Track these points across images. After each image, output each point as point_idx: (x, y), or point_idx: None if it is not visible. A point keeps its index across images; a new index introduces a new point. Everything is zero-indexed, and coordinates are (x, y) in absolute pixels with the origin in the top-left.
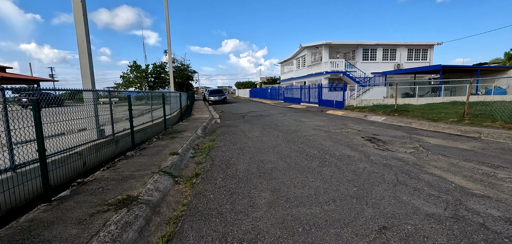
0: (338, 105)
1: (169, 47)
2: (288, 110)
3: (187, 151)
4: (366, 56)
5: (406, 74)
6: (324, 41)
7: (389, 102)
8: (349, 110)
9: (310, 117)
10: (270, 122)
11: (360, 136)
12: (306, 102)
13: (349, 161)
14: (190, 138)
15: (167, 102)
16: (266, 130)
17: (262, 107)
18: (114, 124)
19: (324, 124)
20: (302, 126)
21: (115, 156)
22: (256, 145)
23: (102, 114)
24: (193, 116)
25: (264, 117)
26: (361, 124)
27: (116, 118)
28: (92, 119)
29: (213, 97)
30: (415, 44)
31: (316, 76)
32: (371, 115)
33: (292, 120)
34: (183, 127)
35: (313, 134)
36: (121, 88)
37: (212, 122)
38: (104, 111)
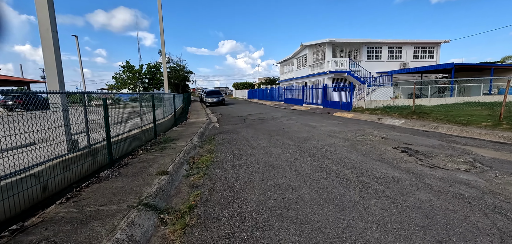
0: (345, 107)
1: (162, 46)
2: (291, 112)
3: (179, 168)
4: (371, 55)
5: (412, 74)
6: (327, 39)
7: (399, 103)
8: (359, 113)
9: (319, 121)
10: (275, 127)
11: (391, 146)
12: (309, 104)
13: (400, 188)
14: (184, 148)
15: (160, 105)
16: (273, 137)
17: (263, 109)
18: (96, 131)
19: (338, 129)
20: (315, 132)
21: (94, 172)
22: (266, 160)
23: (79, 120)
24: (188, 120)
25: (268, 121)
26: (380, 128)
27: (97, 125)
28: (61, 129)
29: (210, 98)
30: (421, 42)
31: (318, 76)
32: (385, 118)
33: (300, 125)
34: (177, 133)
35: (331, 143)
36: (114, 90)
37: (210, 126)
38: (92, 116)
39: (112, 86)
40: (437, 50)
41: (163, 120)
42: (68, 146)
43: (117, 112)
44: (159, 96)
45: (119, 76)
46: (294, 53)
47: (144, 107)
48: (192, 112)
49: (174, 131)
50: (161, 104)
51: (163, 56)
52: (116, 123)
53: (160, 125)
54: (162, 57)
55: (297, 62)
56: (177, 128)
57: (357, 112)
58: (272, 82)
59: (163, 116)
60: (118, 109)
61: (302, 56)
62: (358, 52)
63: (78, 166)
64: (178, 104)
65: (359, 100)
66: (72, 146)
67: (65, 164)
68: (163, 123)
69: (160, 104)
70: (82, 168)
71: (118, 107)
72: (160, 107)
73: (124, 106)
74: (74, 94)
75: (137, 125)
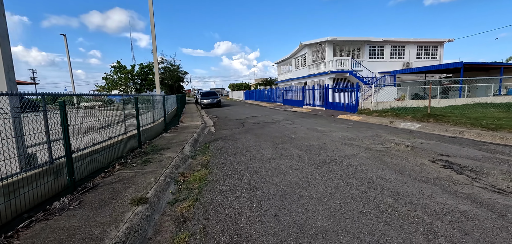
0: (350, 108)
1: (153, 44)
2: (292, 115)
3: (164, 190)
4: (373, 55)
5: (416, 74)
6: (328, 38)
7: (406, 104)
8: (366, 115)
9: (326, 125)
10: (279, 133)
11: (426, 159)
12: (309, 105)
13: (486, 236)
14: (173, 161)
15: (148, 109)
16: (278, 146)
17: (261, 111)
18: (69, 140)
19: (351, 134)
20: (326, 139)
21: (57, 195)
22: (275, 179)
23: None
24: (181, 124)
25: (269, 126)
26: (397, 134)
27: (73, 132)
28: (11, 141)
29: (206, 100)
30: (424, 41)
31: (318, 76)
32: (398, 121)
33: (306, 130)
34: (166, 140)
35: (350, 153)
36: (105, 91)
37: (204, 131)
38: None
39: (103, 88)
40: (440, 49)
41: (152, 125)
42: (21, 163)
43: (98, 116)
44: (146, 98)
45: (109, 77)
46: (292, 53)
47: (129, 111)
48: (186, 115)
49: (163, 138)
50: (149, 108)
51: (155, 55)
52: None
53: (147, 131)
54: (154, 56)
55: (296, 62)
56: (168, 134)
57: (364, 114)
58: (269, 83)
59: (153, 121)
60: (102, 113)
61: (301, 56)
62: (360, 51)
63: (34, 188)
64: (170, 107)
65: (365, 101)
66: (27, 161)
67: (11, 188)
68: (151, 128)
69: (148, 107)
70: (40, 190)
71: (104, 110)
72: (149, 110)
73: (102, 110)
74: (25, 97)
75: (118, 132)
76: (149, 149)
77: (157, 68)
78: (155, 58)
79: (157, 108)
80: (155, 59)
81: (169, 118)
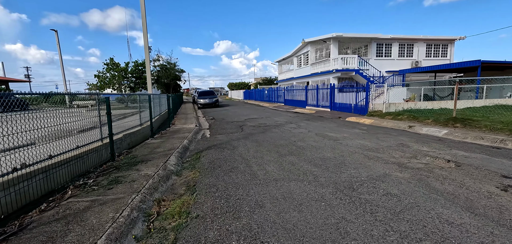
0: (358, 110)
1: (145, 38)
2: (296, 116)
3: (123, 238)
4: (380, 53)
5: (425, 73)
6: (333, 34)
7: (420, 106)
8: (378, 118)
9: (337, 130)
10: (284, 139)
11: (489, 184)
12: (313, 106)
13: None
14: (150, 181)
15: (135, 108)
16: (285, 159)
17: (262, 112)
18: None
19: (371, 143)
20: (342, 150)
21: None
22: (286, 220)
23: None
24: (173, 127)
25: (272, 130)
26: (426, 143)
27: None
28: None
29: (203, 100)
30: (434, 38)
31: (322, 75)
32: (418, 125)
33: (315, 136)
34: (150, 148)
35: (381, 173)
36: (96, 90)
37: (198, 136)
38: None
39: (95, 86)
40: (451, 47)
41: (137, 129)
42: None
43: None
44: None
45: (102, 74)
46: (294, 51)
47: (115, 112)
48: (180, 116)
49: (147, 145)
50: (135, 109)
51: (146, 50)
52: (54, 136)
53: (130, 137)
54: (145, 51)
55: (298, 61)
56: (154, 140)
57: (376, 117)
58: (269, 82)
59: (140, 123)
60: (77, 115)
61: (303, 54)
62: (366, 49)
63: None
64: (160, 108)
65: (373, 102)
66: None
67: None
68: (136, 133)
69: (135, 106)
70: None
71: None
72: (134, 113)
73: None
74: None
75: (91, 139)
76: (124, 162)
77: (148, 65)
78: (146, 54)
79: (145, 110)
80: (146, 55)
81: (161, 120)
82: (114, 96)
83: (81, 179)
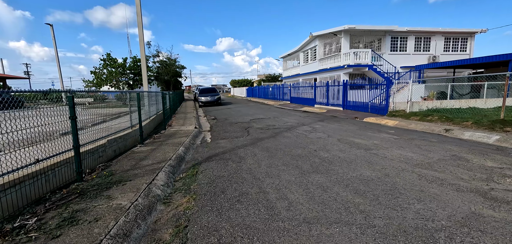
0: (376, 110)
1: (140, 29)
2: (306, 116)
3: None
4: (394, 47)
5: (443, 69)
6: (344, 26)
7: (447, 105)
8: (403, 119)
9: (360, 134)
10: (301, 147)
11: None
12: (322, 104)
13: None
14: (120, 220)
15: (125, 106)
16: (309, 178)
17: (268, 111)
18: None
19: (416, 155)
20: (383, 165)
21: None
22: None
23: None
24: (169, 129)
25: (283, 134)
26: (485, 154)
27: None
28: None
29: (204, 97)
30: (453, 31)
31: (331, 71)
32: (456, 129)
33: (338, 143)
34: (135, 160)
35: (467, 211)
36: (92, 87)
37: (197, 141)
38: None
39: (91, 83)
40: (471, 41)
41: (121, 134)
42: None
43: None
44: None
45: (99, 71)
46: (300, 46)
47: (69, 117)
48: (179, 115)
49: (133, 155)
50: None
51: (141, 45)
52: None
53: (112, 145)
54: (140, 45)
55: (304, 56)
56: (144, 147)
57: (399, 118)
58: (273, 79)
59: (131, 124)
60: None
61: (311, 49)
62: (379, 43)
63: None
64: (154, 108)
65: (393, 101)
66: None
67: None
68: (120, 139)
69: (121, 104)
70: None
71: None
72: (123, 113)
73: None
74: None
75: (58, 149)
76: (94, 183)
77: (144, 60)
78: (142, 51)
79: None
80: (142, 49)
81: (156, 121)
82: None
83: (19, 218)
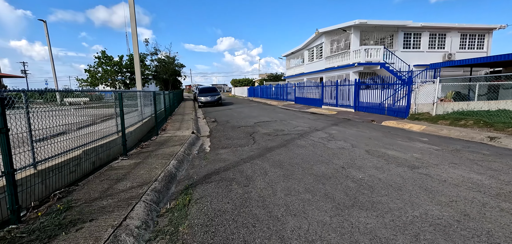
0: (394, 112)
1: (132, 22)
2: (317, 119)
3: None
4: (407, 44)
5: (459, 67)
6: (355, 22)
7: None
8: (429, 123)
9: (391, 144)
10: (324, 164)
11: None
12: (331, 105)
13: None
14: None
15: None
16: (352, 218)
17: (273, 112)
18: None
19: (488, 179)
20: (453, 196)
21: None
22: None
23: None
24: (162, 135)
25: (296, 142)
26: None
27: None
28: None
29: (204, 97)
30: (470, 28)
31: (339, 70)
32: (503, 136)
33: (367, 156)
34: (109, 181)
35: None
36: (87, 86)
37: (193, 150)
38: None
39: (86, 82)
40: (488, 38)
41: (96, 144)
42: None
43: None
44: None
45: (93, 69)
46: (305, 44)
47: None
48: (176, 117)
49: (110, 173)
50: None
51: (134, 38)
52: None
53: (84, 160)
54: (133, 39)
55: (309, 54)
56: (126, 160)
57: (424, 121)
58: (275, 78)
59: (118, 128)
60: None
61: (317, 47)
62: (391, 39)
63: None
64: (146, 110)
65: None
66: None
67: None
68: (99, 148)
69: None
70: None
71: None
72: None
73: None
74: None
75: None
76: (34, 228)
77: (137, 55)
78: (134, 42)
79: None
80: (134, 43)
81: (145, 128)
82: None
83: None
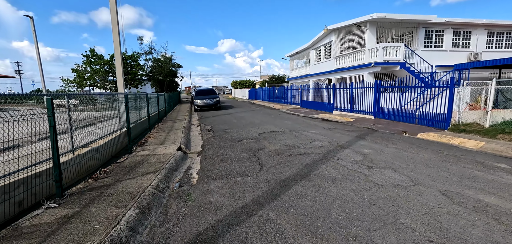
0: (429, 121)
1: (113, 12)
2: (333, 128)
3: None
4: (429, 42)
5: (486, 69)
6: (372, 16)
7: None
8: (481, 136)
9: (464, 175)
10: (387, 228)
11: None
12: (344, 111)
13: None
14: None
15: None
16: None
17: (278, 119)
18: None
19: None
20: None
21: None
22: None
23: None
24: (137, 153)
25: (322, 171)
26: None
27: None
28: None
29: (200, 100)
30: (498, 24)
31: (352, 70)
32: None
33: (450, 204)
34: None
35: None
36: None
37: (172, 181)
38: None
39: (72, 82)
40: None
41: (7, 183)
42: None
43: None
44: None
45: (82, 69)
46: (311, 43)
47: None
48: (165, 125)
49: (35, 224)
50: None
51: (115, 26)
52: None
53: None
54: (113, 29)
55: (316, 54)
56: (55, 209)
57: (476, 134)
58: (278, 80)
59: (53, 157)
60: None
61: (324, 46)
62: (411, 37)
63: None
64: (115, 123)
65: (463, 111)
66: None
67: None
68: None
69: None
70: None
71: None
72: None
73: None
74: None
75: None
76: None
77: (118, 50)
78: (115, 35)
79: (56, 131)
80: (115, 36)
81: (111, 149)
82: None
83: None
